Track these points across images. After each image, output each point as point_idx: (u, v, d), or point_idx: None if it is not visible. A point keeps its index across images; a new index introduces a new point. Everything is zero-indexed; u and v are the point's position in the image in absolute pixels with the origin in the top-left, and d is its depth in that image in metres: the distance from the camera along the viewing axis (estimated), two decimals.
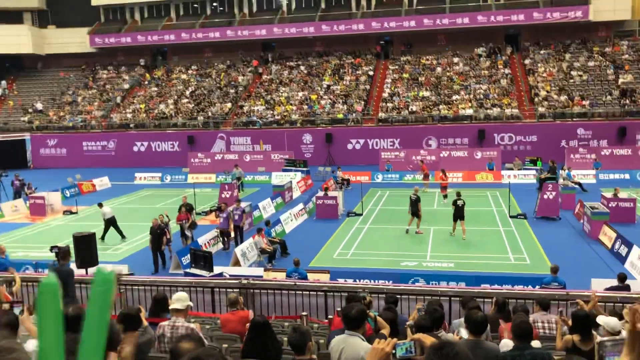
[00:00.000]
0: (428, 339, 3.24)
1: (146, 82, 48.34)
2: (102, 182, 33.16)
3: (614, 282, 11.57)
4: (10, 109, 47.72)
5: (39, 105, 47.44)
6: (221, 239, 18.99)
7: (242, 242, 18.09)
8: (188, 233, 18.87)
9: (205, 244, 17.88)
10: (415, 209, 19.70)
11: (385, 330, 5.93)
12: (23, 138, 43.84)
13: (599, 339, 5.58)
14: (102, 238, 19.93)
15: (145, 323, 6.44)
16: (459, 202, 19.11)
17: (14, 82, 51.74)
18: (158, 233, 16.85)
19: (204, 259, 14.43)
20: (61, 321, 1.51)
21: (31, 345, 4.38)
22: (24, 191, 28.62)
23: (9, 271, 10.07)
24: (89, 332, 1.55)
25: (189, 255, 15.73)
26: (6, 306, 5.24)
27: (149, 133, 42.10)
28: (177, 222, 18.92)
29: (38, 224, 24.25)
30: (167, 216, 18.09)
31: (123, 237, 20.50)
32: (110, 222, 20.41)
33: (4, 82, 50.55)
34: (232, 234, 19.01)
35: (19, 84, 51.63)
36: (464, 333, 5.79)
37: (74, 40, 50.78)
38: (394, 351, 2.79)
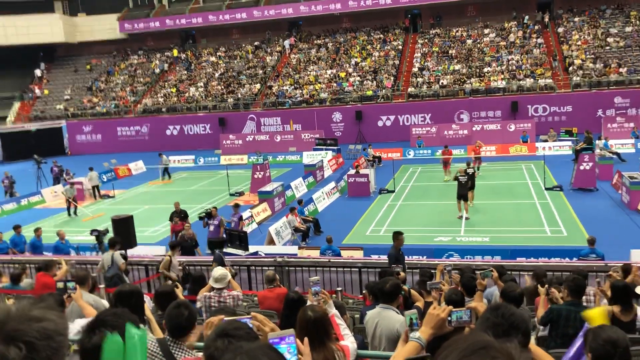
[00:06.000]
0: (483, 307, 3.35)
1: (173, 60, 48.71)
2: (137, 166, 33.81)
3: None
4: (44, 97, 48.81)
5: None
6: (210, 251, 13.97)
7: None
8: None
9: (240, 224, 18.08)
10: (464, 192, 18.17)
11: (420, 303, 5.98)
12: (60, 125, 44.87)
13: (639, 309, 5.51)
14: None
15: (182, 298, 6.61)
16: (461, 178, 18.12)
17: (47, 71, 52.80)
18: (191, 246, 14.24)
19: (239, 239, 14.66)
20: None
21: (78, 325, 4.54)
22: (62, 177, 29.38)
23: (58, 259, 10.38)
24: None
25: (224, 236, 15.98)
26: (60, 284, 5.36)
27: (181, 117, 42.58)
28: (171, 233, 16.77)
29: (77, 208, 24.88)
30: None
31: None
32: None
33: (43, 65, 51.71)
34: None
35: (53, 73, 52.67)
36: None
37: (104, 27, 51.49)
38: (449, 317, 2.91)
